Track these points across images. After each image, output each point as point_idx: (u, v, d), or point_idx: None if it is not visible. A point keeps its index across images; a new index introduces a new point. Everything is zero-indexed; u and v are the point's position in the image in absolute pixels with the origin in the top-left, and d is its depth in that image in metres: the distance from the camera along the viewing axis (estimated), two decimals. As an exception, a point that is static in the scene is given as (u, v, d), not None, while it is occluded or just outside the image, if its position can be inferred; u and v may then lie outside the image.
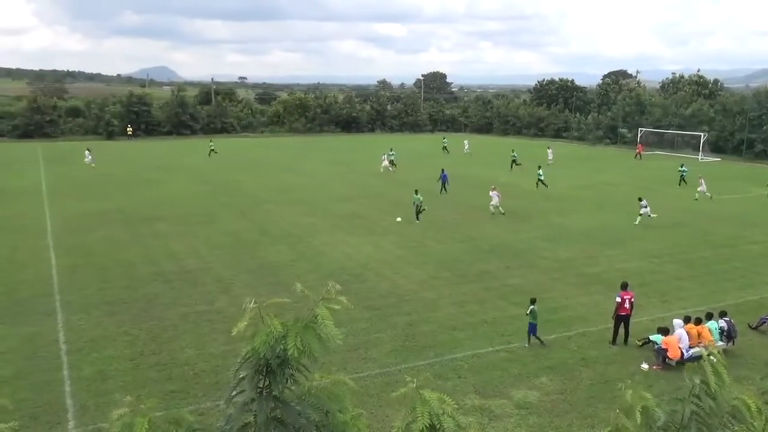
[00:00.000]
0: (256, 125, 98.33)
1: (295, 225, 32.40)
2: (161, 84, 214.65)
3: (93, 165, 52.98)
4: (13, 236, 29.61)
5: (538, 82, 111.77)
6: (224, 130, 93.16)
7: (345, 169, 53.59)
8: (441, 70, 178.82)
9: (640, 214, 33.36)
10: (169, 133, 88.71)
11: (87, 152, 55.27)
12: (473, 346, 17.71)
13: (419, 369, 16.13)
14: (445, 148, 68.56)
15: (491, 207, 35.29)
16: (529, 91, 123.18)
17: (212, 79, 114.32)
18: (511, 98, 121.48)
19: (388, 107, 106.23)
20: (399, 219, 33.81)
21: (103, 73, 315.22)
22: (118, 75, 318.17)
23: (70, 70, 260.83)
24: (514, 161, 54.40)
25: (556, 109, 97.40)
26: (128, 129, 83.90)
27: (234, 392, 3.25)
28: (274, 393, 3.12)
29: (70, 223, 32.31)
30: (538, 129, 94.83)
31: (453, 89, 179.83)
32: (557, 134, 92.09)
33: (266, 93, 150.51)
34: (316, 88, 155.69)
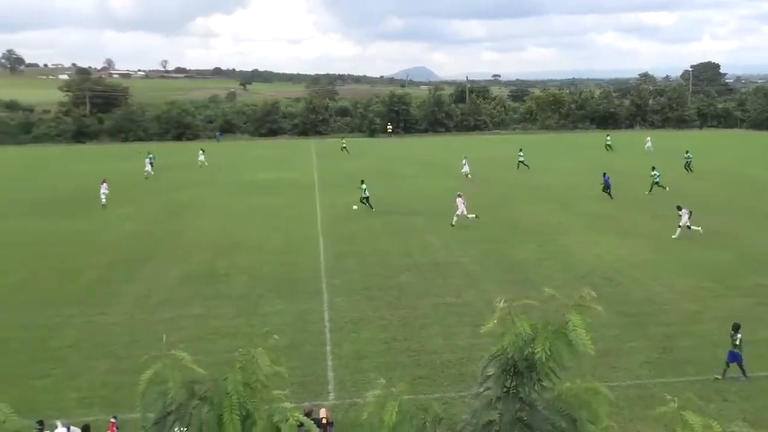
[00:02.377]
0: (508, 122, 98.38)
1: (544, 223, 31.81)
2: (419, 84, 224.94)
3: (205, 164, 56.56)
4: (291, 223, 33.41)
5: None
6: (477, 127, 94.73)
7: (598, 166, 51.12)
8: (714, 60, 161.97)
9: (680, 226, 28.26)
10: (425, 131, 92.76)
11: (201, 152, 58.85)
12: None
13: (677, 386, 14.84)
14: (608, 146, 63.91)
15: (455, 216, 31.37)
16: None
17: (467, 77, 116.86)
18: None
19: (650, 101, 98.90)
20: (355, 207, 35.46)
21: (368, 75, 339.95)
22: (381, 76, 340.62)
23: (340, 73, 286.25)
24: (521, 162, 51.18)
25: None
26: (388, 127, 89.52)
27: (481, 388, 3.30)
28: (520, 394, 3.11)
29: (336, 213, 35.48)
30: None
31: (728, 80, 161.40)
32: None
33: (519, 90, 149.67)
34: (572, 83, 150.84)
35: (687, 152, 48.72)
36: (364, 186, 35.65)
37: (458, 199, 31.96)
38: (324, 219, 34.25)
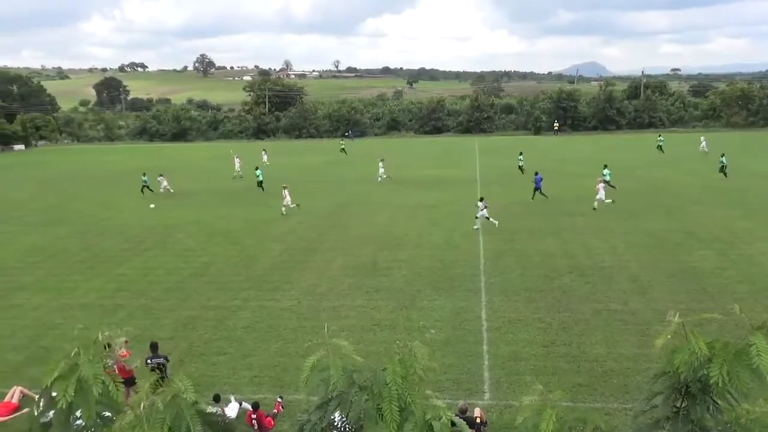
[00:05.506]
0: (687, 120, 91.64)
1: (726, 229, 29.20)
2: (590, 80, 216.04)
3: (267, 163, 56.89)
4: (451, 219, 33.55)
5: None
6: (651, 125, 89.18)
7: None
8: None
9: (477, 216, 30.74)
10: (594, 129, 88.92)
11: (263, 152, 60.16)
12: None
13: None
14: (659, 147, 61.22)
15: (283, 208, 35.84)
16: None
17: (642, 72, 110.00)
18: None
19: None
20: (152, 206, 39.04)
21: (535, 71, 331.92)
22: (549, 72, 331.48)
23: (506, 70, 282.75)
24: (520, 167, 49.89)
25: None
26: (555, 125, 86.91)
27: (647, 405, 3.09)
28: (691, 417, 2.85)
29: (496, 211, 35.01)
30: None
31: None
32: None
33: (701, 84, 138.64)
34: (764, 77, 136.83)
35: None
36: (258, 172, 43.81)
37: (284, 191, 36.10)
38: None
